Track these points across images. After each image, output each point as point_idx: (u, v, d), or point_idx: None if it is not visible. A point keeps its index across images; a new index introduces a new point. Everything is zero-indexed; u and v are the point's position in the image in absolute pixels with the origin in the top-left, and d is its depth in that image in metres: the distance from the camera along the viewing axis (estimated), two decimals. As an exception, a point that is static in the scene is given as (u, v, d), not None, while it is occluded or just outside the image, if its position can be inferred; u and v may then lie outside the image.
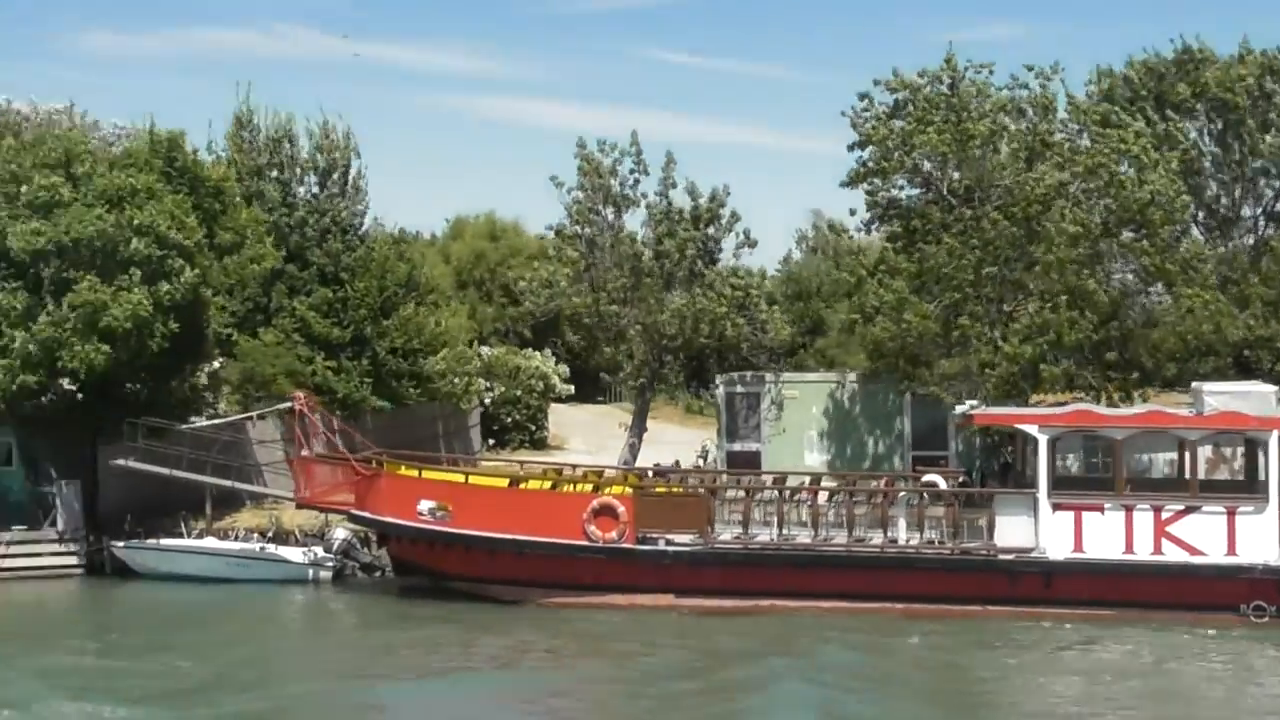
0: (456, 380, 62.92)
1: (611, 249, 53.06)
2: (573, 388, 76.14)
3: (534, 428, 71.70)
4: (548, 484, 45.05)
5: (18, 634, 41.04)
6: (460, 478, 45.11)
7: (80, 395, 49.38)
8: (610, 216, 53.50)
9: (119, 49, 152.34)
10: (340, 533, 48.07)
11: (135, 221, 47.43)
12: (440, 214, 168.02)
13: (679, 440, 62.65)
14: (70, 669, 35.85)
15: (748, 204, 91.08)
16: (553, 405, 74.19)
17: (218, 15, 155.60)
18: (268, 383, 55.13)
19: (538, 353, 74.64)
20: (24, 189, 47.84)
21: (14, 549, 48.86)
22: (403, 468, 45.96)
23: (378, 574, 47.89)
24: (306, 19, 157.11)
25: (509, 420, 70.89)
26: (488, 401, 69.01)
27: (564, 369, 74.94)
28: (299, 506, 47.46)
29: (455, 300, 77.43)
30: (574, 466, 47.30)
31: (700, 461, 57.33)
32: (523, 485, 44.97)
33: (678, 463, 53.70)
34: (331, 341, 58.26)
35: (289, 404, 47.28)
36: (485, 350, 71.88)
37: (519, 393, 71.19)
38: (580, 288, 53.47)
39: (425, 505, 43.48)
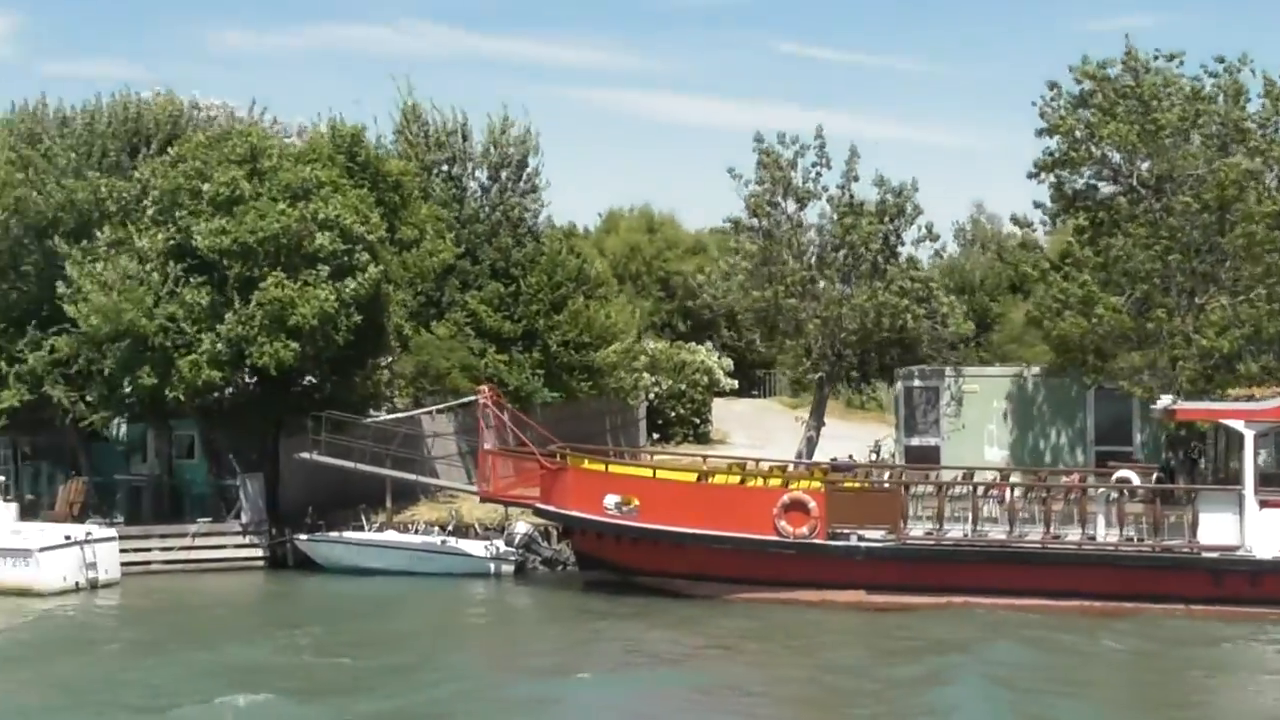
0: (625, 375, 62.82)
1: (790, 242, 52.60)
2: (736, 382, 75.76)
3: (698, 421, 71.46)
4: (734, 478, 44.70)
5: (203, 625, 41.44)
6: (648, 472, 44.87)
7: (261, 389, 49.72)
8: (790, 209, 53.00)
9: (249, 45, 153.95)
10: (522, 526, 48.04)
11: (320, 216, 47.61)
12: (585, 208, 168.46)
13: (844, 435, 62.03)
14: (254, 662, 35.92)
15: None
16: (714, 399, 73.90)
17: (346, 11, 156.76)
18: (441, 376, 55.32)
19: (701, 346, 74.31)
20: (206, 186, 48.13)
21: (199, 541, 49.34)
22: (586, 461, 45.87)
23: (559, 568, 47.87)
24: (434, 15, 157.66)
25: (673, 414, 70.70)
26: (653, 396, 68.86)
27: (728, 363, 74.55)
28: (483, 500, 47.50)
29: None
30: (756, 461, 46.86)
31: (874, 457, 56.73)
32: (710, 480, 44.62)
33: (851, 457, 53.16)
34: (503, 335, 58.45)
35: (474, 398, 47.27)
36: (650, 345, 71.65)
37: (684, 387, 70.98)
38: (758, 281, 53.04)
39: (611, 499, 43.31)
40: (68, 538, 45.53)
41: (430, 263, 52.75)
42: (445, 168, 60.55)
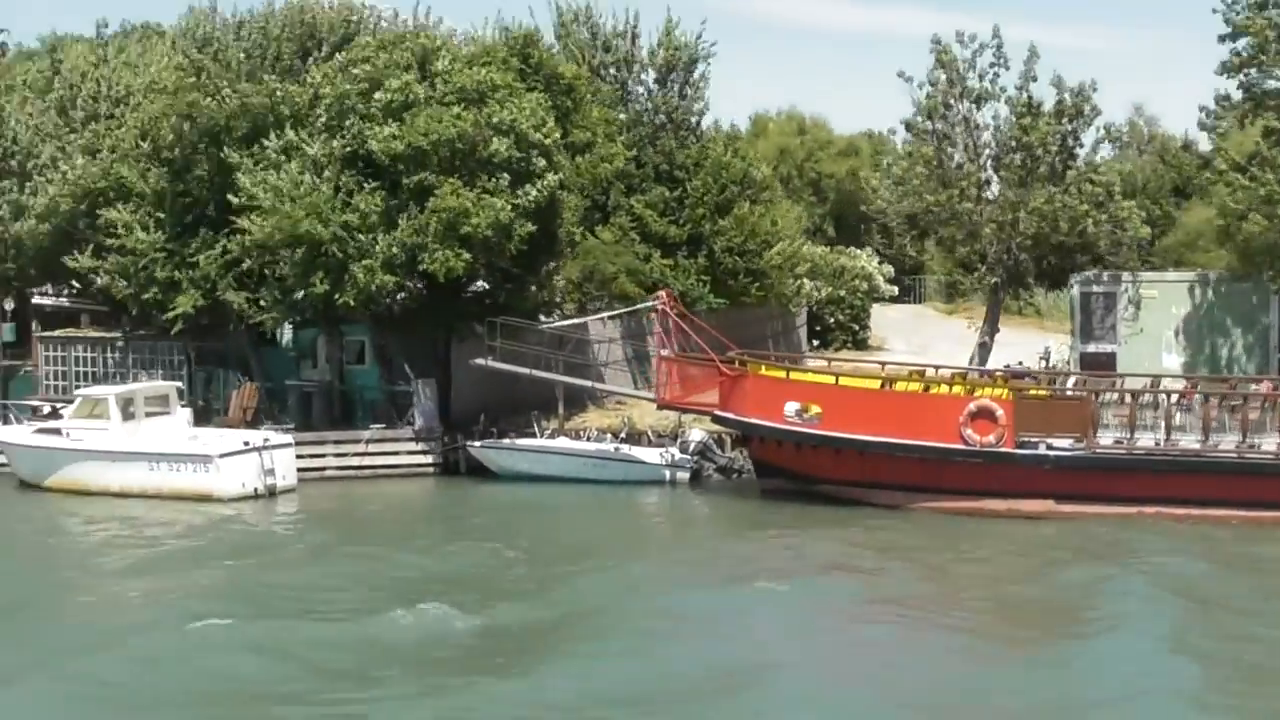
0: (788, 280, 62.18)
1: (965, 145, 51.61)
2: (896, 289, 74.90)
3: (857, 328, 70.81)
4: (914, 386, 44.05)
5: (384, 532, 41.53)
6: (830, 379, 44.30)
7: (432, 296, 49.56)
8: (966, 111, 51.92)
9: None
10: (696, 434, 47.73)
11: (495, 120, 47.20)
12: (730, 113, 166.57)
13: (1005, 341, 61.06)
14: (435, 570, 35.94)
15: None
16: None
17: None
18: (607, 281, 54.93)
19: (861, 252, 73.46)
20: (379, 93, 47.83)
21: (373, 447, 49.42)
22: (763, 368, 45.42)
23: (734, 476, 47.59)
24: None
25: (832, 320, 70.08)
26: (813, 302, 68.23)
27: (888, 269, 73.69)
28: (660, 407, 47.18)
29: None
30: (936, 368, 46.16)
31: (1043, 364, 55.82)
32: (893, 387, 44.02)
33: (1021, 364, 52.36)
34: (668, 240, 57.95)
35: (652, 303, 46.87)
36: (808, 249, 70.86)
37: (842, 293, 70.30)
38: (932, 185, 52.13)
39: (792, 406, 42.86)
40: (246, 444, 45.76)
41: (603, 168, 52.22)
42: (612, 71, 59.84)
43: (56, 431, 47.15)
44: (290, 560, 37.97)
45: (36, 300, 60.28)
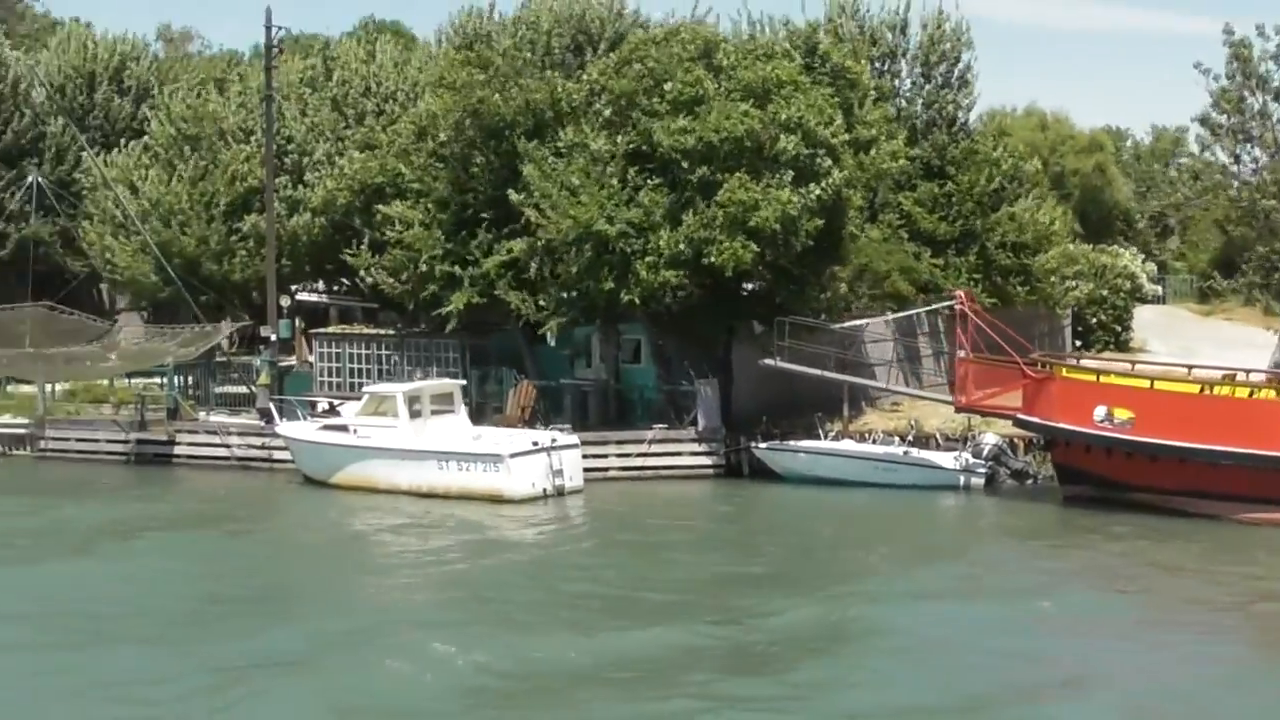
0: (1060, 280, 60.50)
1: (1267, 139, 49.77)
2: (1160, 288, 72.78)
3: (1119, 329, 68.75)
4: (1229, 390, 42.28)
5: (685, 535, 40.81)
6: (1144, 383, 42.71)
7: (712, 294, 48.66)
8: (1261, 105, 50.11)
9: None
10: (990, 438, 46.32)
11: (783, 117, 46.25)
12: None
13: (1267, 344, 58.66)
14: (729, 572, 35.27)
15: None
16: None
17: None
18: (880, 279, 53.72)
19: (1125, 250, 71.43)
20: (667, 85, 47.08)
21: (655, 448, 48.66)
22: (1064, 370, 43.99)
23: (1029, 481, 46.13)
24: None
25: (1094, 321, 68.14)
26: (1076, 302, 66.39)
27: (1151, 268, 71.61)
28: (958, 410, 45.91)
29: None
30: (1247, 371, 44.31)
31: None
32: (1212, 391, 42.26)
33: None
34: (937, 237, 56.61)
35: (950, 303, 45.64)
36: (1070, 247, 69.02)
37: (1104, 292, 68.33)
38: (1224, 182, 50.35)
39: (1100, 411, 41.38)
40: (535, 443, 45.19)
41: (888, 165, 51.02)
42: (879, 64, 58.65)
43: (344, 428, 46.97)
44: (589, 562, 37.48)
45: (299, 297, 60.57)
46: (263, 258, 55.21)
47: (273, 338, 54.04)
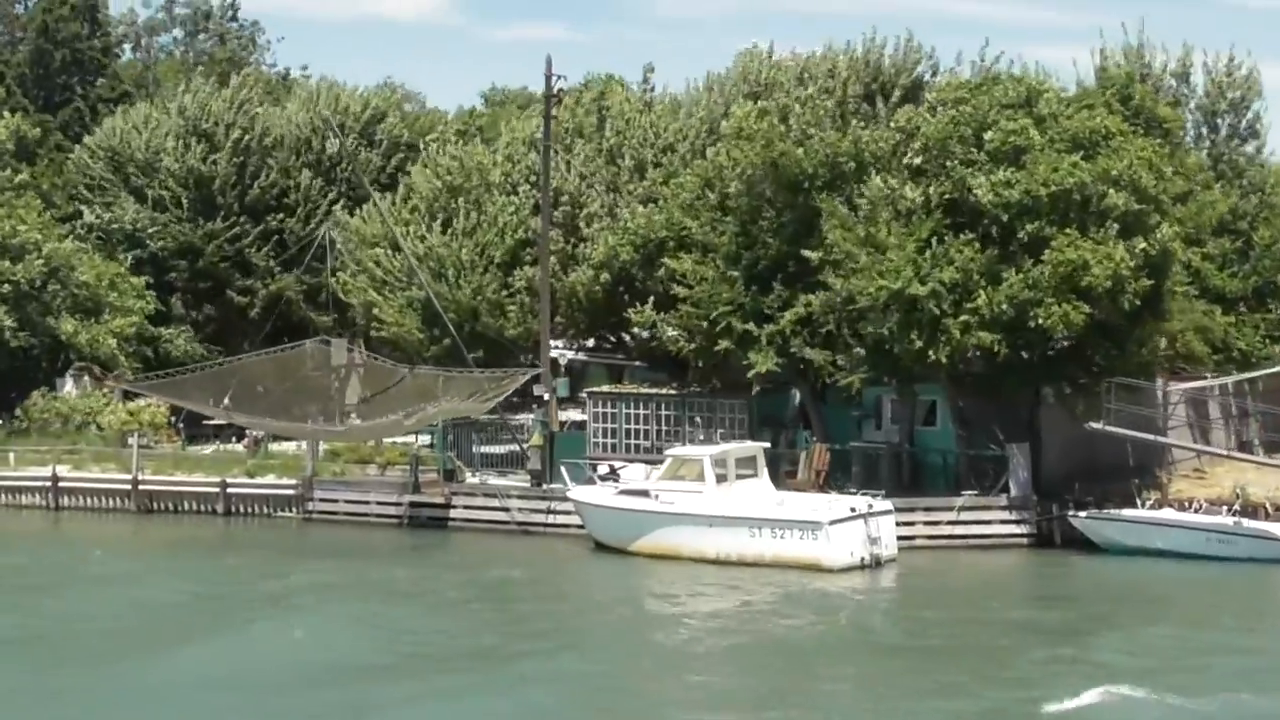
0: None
1: None
2: None
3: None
4: None
5: (1012, 612, 38.64)
6: None
7: (1018, 355, 45.94)
8: None
9: (687, 11, 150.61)
10: (1336, 508, 43.47)
11: (1113, 172, 43.83)
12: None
13: None
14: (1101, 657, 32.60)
15: None
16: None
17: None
18: (1174, 338, 50.92)
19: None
20: (988, 135, 44.84)
21: (964, 515, 46.19)
22: None
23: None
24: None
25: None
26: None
27: None
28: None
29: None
30: None
31: None
32: None
33: None
34: (1227, 294, 53.80)
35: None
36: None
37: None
38: None
39: None
40: (853, 510, 42.89)
41: (1208, 215, 48.37)
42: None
43: (644, 493, 44.88)
44: (930, 645, 34.95)
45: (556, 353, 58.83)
46: (535, 313, 53.45)
47: (546, 396, 52.08)
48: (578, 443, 52.29)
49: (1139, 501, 45.88)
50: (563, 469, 48.31)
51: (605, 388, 53.13)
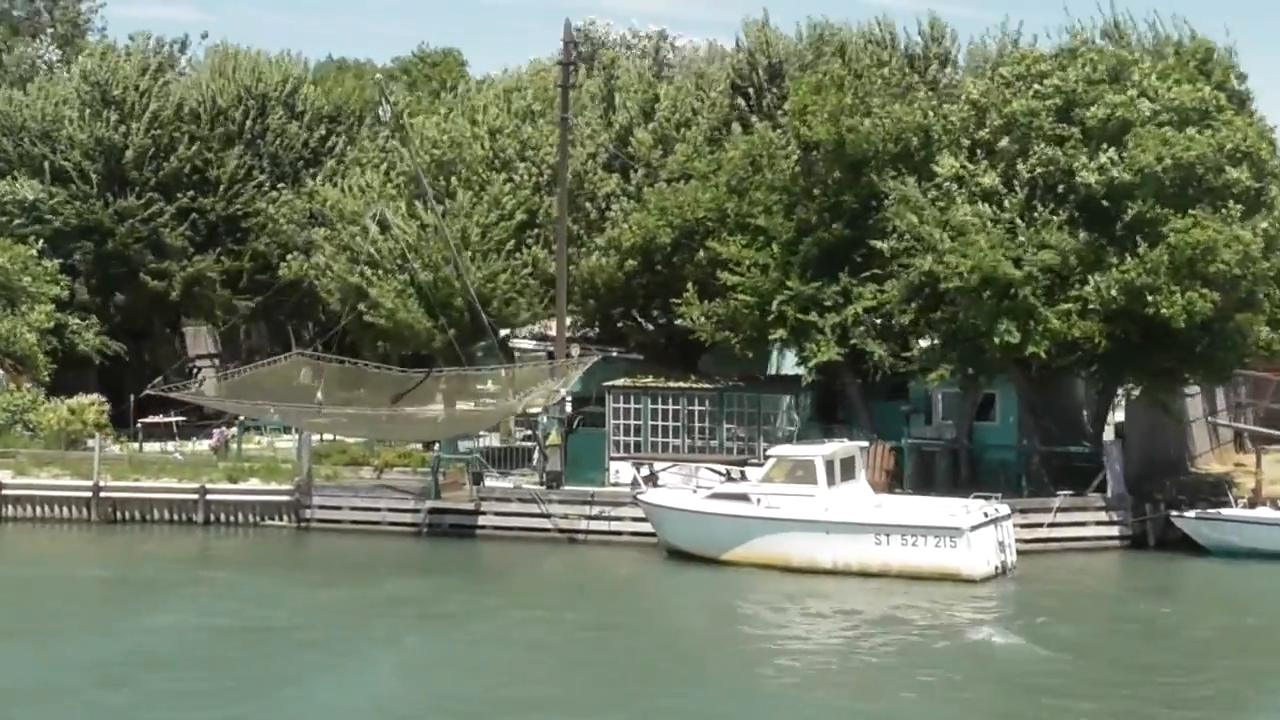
0: None
1: None
2: None
3: None
4: None
5: (1161, 621, 36.42)
6: None
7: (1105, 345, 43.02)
8: None
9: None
10: None
11: (1228, 147, 41.33)
12: None
13: None
14: None
15: None
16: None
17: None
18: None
19: None
20: (1089, 111, 41.96)
21: (1060, 516, 43.32)
22: None
23: None
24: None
25: None
26: None
27: None
28: None
29: None
30: None
31: None
32: None
33: None
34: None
35: None
36: None
37: None
38: None
39: None
40: (985, 515, 39.62)
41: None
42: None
43: (743, 497, 40.94)
44: (1117, 660, 32.25)
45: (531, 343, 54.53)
46: (541, 299, 49.13)
47: (562, 392, 47.73)
48: (595, 443, 48.04)
49: (1232, 500, 43.68)
50: (633, 470, 44.21)
51: (624, 381, 48.76)
